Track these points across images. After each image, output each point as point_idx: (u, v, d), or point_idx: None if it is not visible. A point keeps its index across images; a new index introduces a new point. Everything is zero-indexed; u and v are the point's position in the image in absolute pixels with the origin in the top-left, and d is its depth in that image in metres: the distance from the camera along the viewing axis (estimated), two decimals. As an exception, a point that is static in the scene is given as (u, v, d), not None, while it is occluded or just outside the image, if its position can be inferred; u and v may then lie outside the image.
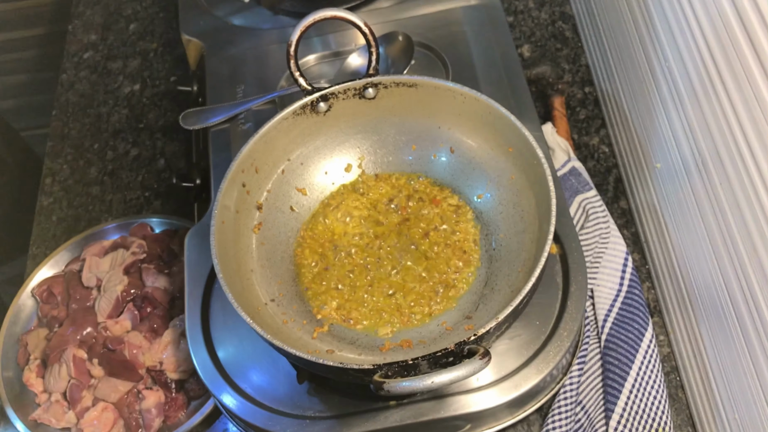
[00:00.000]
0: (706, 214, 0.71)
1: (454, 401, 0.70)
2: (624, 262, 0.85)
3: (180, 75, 1.18)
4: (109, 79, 1.19)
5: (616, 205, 0.96)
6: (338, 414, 0.71)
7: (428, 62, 0.95)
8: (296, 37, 0.76)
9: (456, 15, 0.98)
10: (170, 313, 0.89)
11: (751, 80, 0.58)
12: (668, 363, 0.85)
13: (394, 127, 0.84)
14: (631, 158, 0.93)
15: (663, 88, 0.78)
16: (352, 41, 0.97)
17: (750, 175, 0.60)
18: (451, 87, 0.77)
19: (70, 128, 1.15)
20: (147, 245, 0.93)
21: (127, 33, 1.25)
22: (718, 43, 0.63)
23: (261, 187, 0.80)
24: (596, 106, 1.04)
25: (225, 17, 1.04)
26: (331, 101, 0.80)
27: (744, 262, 0.63)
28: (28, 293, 0.93)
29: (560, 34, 1.12)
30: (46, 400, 0.86)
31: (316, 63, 0.98)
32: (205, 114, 0.92)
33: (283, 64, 0.95)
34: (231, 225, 0.75)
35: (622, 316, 0.83)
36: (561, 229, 0.77)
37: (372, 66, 0.79)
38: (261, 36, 1.01)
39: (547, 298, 0.74)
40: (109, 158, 1.11)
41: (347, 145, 0.84)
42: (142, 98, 1.16)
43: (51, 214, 1.07)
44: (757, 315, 0.62)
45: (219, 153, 0.89)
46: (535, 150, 0.72)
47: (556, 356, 0.71)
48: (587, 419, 0.80)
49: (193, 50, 1.03)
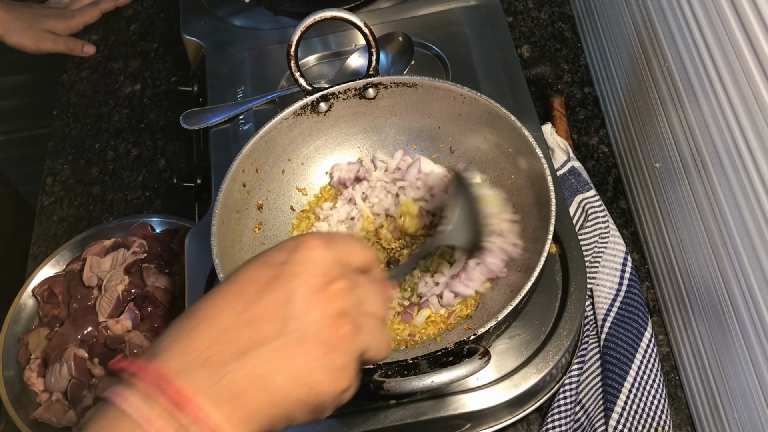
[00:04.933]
0: (705, 214, 0.71)
1: (454, 400, 0.71)
2: (623, 262, 0.85)
3: (180, 75, 1.18)
4: (110, 80, 1.19)
5: (616, 205, 0.96)
6: (338, 413, 0.71)
7: (428, 62, 0.95)
8: (296, 37, 0.76)
9: (456, 15, 0.98)
10: (171, 312, 0.89)
11: (750, 80, 0.58)
12: (668, 362, 0.85)
13: (394, 127, 0.84)
14: (631, 158, 0.93)
15: (662, 88, 0.78)
16: (352, 41, 0.97)
17: (749, 174, 0.60)
18: (451, 87, 0.77)
19: (71, 128, 1.15)
20: (148, 245, 0.93)
21: (127, 33, 1.25)
22: (717, 43, 0.63)
23: (261, 187, 0.80)
24: (596, 106, 1.05)
25: (225, 18, 1.04)
26: (332, 101, 0.80)
27: (743, 261, 0.64)
28: (29, 293, 0.94)
29: (560, 34, 1.12)
30: (47, 399, 0.86)
31: (316, 63, 0.98)
32: (205, 114, 0.92)
33: (283, 64, 0.95)
34: (232, 225, 0.75)
35: (621, 316, 0.83)
36: (560, 229, 0.77)
37: (372, 66, 0.79)
38: (261, 36, 1.01)
39: (546, 298, 0.74)
40: (110, 158, 1.11)
41: (347, 145, 0.85)
42: (143, 98, 1.17)
43: (52, 213, 1.07)
44: (756, 314, 0.63)
45: (219, 153, 0.89)
46: (534, 150, 0.72)
47: (556, 356, 0.71)
48: (587, 418, 0.80)
49: (194, 50, 1.04)
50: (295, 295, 0.45)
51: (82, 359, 0.85)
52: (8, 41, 1.17)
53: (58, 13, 1.22)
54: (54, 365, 0.86)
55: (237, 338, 0.43)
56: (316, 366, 0.44)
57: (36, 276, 0.95)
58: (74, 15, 1.23)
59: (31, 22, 1.18)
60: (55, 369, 0.85)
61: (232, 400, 0.42)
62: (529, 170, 0.74)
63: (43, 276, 0.95)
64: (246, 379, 0.43)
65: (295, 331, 0.44)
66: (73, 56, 1.22)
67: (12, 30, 1.16)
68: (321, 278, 0.46)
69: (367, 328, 0.47)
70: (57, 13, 1.22)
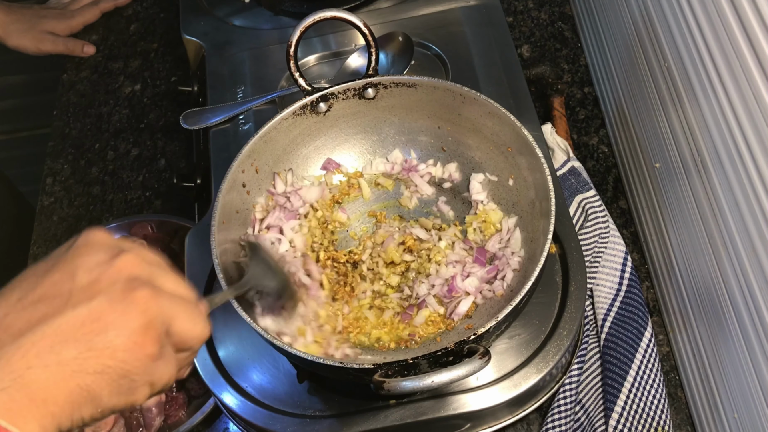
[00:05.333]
0: (705, 214, 0.71)
1: (454, 400, 0.71)
2: (623, 262, 0.85)
3: (180, 75, 1.18)
4: (110, 80, 1.19)
5: (616, 205, 0.96)
6: (338, 413, 0.71)
7: (428, 62, 0.95)
8: (296, 37, 0.76)
9: (456, 15, 0.98)
10: (171, 312, 0.89)
11: (750, 80, 0.58)
12: (667, 362, 0.85)
13: (394, 127, 0.84)
14: (631, 158, 0.93)
15: (662, 88, 0.78)
16: (352, 41, 0.97)
17: (749, 174, 0.60)
18: (450, 87, 0.77)
19: (71, 128, 1.15)
20: (148, 245, 0.93)
21: (127, 33, 1.25)
22: (717, 43, 0.63)
23: (261, 187, 0.80)
24: (595, 106, 1.05)
25: (225, 18, 1.04)
26: (331, 101, 0.80)
27: (743, 261, 0.64)
28: (29, 293, 0.93)
29: (560, 34, 1.12)
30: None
31: (316, 63, 0.98)
32: (205, 114, 0.92)
33: (283, 64, 0.95)
34: (232, 225, 0.75)
35: (621, 316, 0.83)
36: (560, 229, 0.77)
37: (372, 66, 0.79)
38: (261, 36, 1.01)
39: (546, 298, 0.74)
40: (110, 158, 1.11)
41: (347, 145, 0.85)
42: (143, 98, 1.17)
43: (52, 213, 1.07)
44: (756, 314, 0.63)
45: (219, 153, 0.89)
46: (534, 150, 0.72)
47: (556, 355, 0.71)
48: (587, 418, 0.80)
49: (194, 50, 1.04)
50: (78, 271, 0.43)
51: (82, 359, 0.85)
52: (8, 43, 1.17)
53: (58, 14, 1.22)
54: (54, 365, 0.86)
55: (14, 322, 0.41)
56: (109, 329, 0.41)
57: (36, 276, 0.94)
58: (74, 15, 1.23)
59: (31, 24, 1.18)
60: (55, 369, 0.85)
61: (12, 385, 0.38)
62: (529, 170, 0.74)
63: (43, 276, 0.95)
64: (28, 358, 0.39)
65: (81, 300, 0.41)
66: (73, 56, 1.22)
67: (12, 32, 1.16)
68: (106, 255, 0.44)
69: (168, 298, 0.44)
70: (57, 13, 1.22)
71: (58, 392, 0.39)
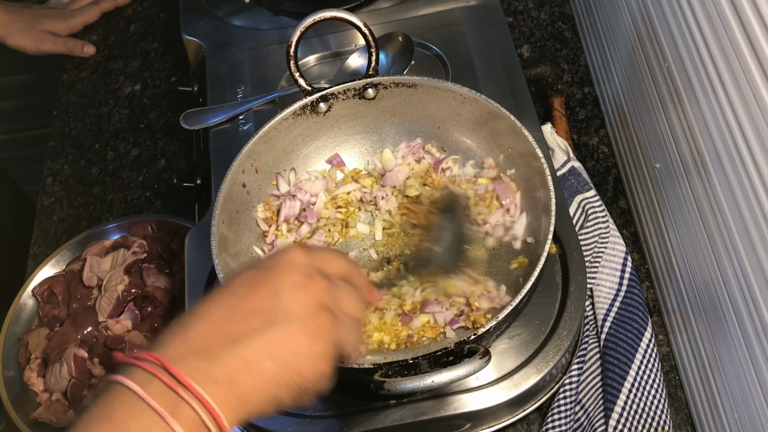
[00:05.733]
0: (705, 214, 0.71)
1: (454, 400, 0.71)
2: (623, 262, 0.85)
3: (180, 75, 1.18)
4: (110, 80, 1.19)
5: (616, 205, 0.96)
6: (338, 413, 0.71)
7: (428, 62, 0.95)
8: (296, 37, 0.76)
9: (456, 15, 0.98)
10: (171, 312, 0.89)
11: (750, 80, 0.58)
12: (667, 362, 0.85)
13: (394, 127, 0.84)
14: (631, 158, 0.93)
15: (662, 88, 0.78)
16: (352, 41, 0.97)
17: (749, 175, 0.60)
18: (450, 87, 0.77)
19: (71, 128, 1.15)
20: (148, 245, 0.93)
21: (127, 33, 1.25)
22: (717, 43, 0.63)
23: (261, 187, 0.80)
24: (595, 107, 1.05)
25: (225, 18, 1.04)
26: (331, 101, 0.80)
27: (743, 261, 0.64)
28: (29, 293, 0.94)
29: (560, 34, 1.12)
30: (47, 399, 0.86)
31: (316, 63, 0.98)
32: (205, 114, 0.92)
33: (283, 64, 0.95)
34: (232, 225, 0.75)
35: (621, 316, 0.83)
36: (560, 229, 0.77)
37: (372, 66, 0.79)
38: (261, 36, 1.01)
39: (546, 298, 0.74)
40: (110, 158, 1.11)
41: (347, 145, 0.85)
42: (143, 98, 1.17)
43: (52, 213, 1.07)
44: (756, 314, 0.63)
45: (219, 153, 0.89)
46: (534, 150, 0.72)
47: (556, 355, 0.71)
48: (587, 418, 0.80)
49: (194, 51, 1.04)
50: (281, 291, 0.50)
51: (82, 359, 0.85)
52: (8, 43, 1.17)
53: (58, 14, 1.22)
54: (54, 365, 0.86)
55: (230, 329, 0.48)
56: (301, 352, 0.49)
57: (36, 276, 0.95)
58: (74, 15, 1.23)
59: (31, 23, 1.18)
60: (55, 369, 0.85)
61: (226, 383, 0.46)
62: (528, 170, 0.74)
63: (43, 276, 0.95)
64: (239, 364, 0.47)
65: (282, 321, 0.49)
66: (73, 56, 1.22)
67: (12, 32, 1.17)
68: (303, 277, 0.51)
69: (344, 324, 0.52)
70: (57, 13, 1.22)
71: (256, 396, 0.48)
